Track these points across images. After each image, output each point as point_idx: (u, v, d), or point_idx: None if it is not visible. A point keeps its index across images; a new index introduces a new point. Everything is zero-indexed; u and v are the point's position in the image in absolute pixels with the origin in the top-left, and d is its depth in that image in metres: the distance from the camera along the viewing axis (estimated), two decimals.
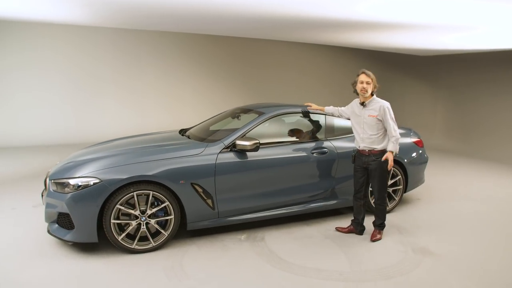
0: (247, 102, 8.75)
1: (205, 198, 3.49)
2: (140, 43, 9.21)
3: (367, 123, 3.65)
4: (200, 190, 3.45)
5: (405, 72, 11.79)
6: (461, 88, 10.39)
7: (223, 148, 3.60)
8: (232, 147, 3.61)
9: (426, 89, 11.49)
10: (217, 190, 3.51)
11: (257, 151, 3.59)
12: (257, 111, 4.16)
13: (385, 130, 3.65)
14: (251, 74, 10.49)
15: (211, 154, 3.52)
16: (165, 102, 9.54)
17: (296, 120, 4.34)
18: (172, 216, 3.38)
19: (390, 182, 4.42)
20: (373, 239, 3.70)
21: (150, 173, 3.25)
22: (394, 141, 3.55)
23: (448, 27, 5.61)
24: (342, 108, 4.02)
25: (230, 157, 3.58)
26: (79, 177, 3.18)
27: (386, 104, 3.63)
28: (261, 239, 3.68)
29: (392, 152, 3.55)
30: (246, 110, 4.42)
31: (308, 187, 3.96)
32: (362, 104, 3.69)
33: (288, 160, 3.83)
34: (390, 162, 3.55)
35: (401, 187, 4.51)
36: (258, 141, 3.55)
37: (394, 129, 3.55)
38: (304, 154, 3.92)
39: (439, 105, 11.00)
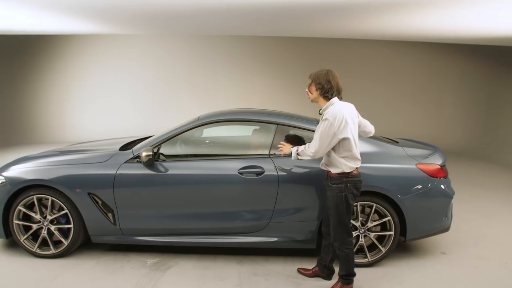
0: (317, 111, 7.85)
1: (105, 211, 3.17)
2: (214, 48, 9.56)
3: None
4: (99, 201, 3.15)
5: None
6: None
7: (131, 158, 3.20)
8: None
9: None
10: (118, 204, 3.14)
11: (151, 164, 3.06)
12: (198, 116, 3.56)
13: (342, 149, 2.62)
14: None
15: (115, 164, 3.18)
16: (236, 103, 9.55)
17: (244, 130, 3.55)
18: (71, 225, 3.20)
19: (373, 224, 3.13)
20: None
21: (47, 177, 3.15)
22: (305, 147, 2.67)
23: None
24: None
25: (136, 168, 3.15)
26: None
27: (333, 114, 2.57)
28: (165, 269, 3.11)
29: (291, 149, 2.75)
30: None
31: (231, 216, 3.13)
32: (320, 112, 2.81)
33: (205, 179, 3.11)
34: (284, 150, 2.81)
35: (391, 233, 3.12)
36: (150, 154, 3.01)
37: (315, 144, 2.59)
38: (228, 173, 3.11)
39: None
